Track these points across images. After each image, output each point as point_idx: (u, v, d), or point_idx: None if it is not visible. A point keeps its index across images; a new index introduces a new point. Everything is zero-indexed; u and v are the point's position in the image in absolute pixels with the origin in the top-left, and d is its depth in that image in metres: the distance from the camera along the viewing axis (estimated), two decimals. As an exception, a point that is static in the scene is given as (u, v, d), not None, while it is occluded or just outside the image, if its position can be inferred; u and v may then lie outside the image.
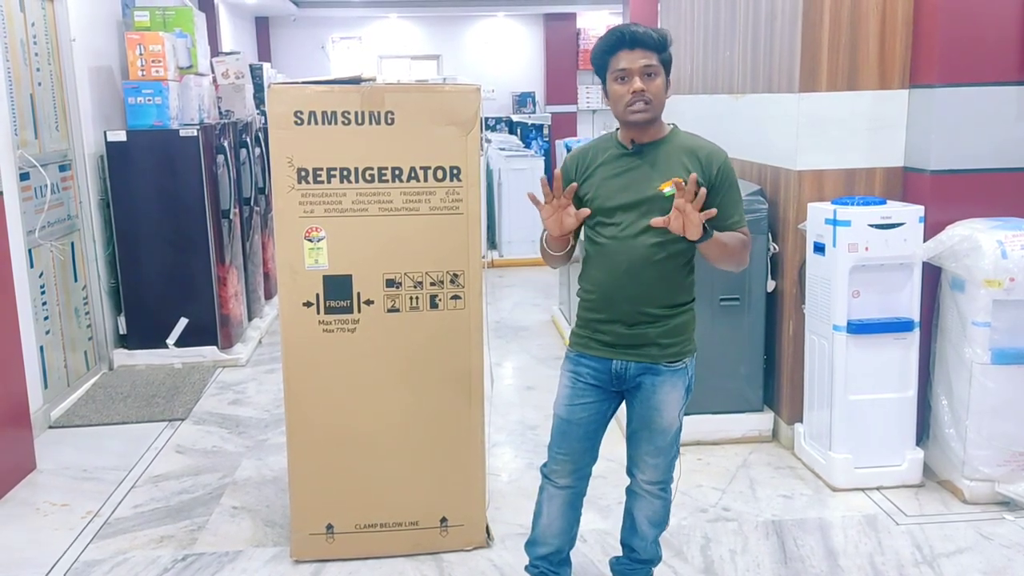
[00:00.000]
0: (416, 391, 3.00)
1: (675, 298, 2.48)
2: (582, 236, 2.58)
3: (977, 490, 3.43)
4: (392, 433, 3.02)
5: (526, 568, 2.75)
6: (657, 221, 2.35)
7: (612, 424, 2.69)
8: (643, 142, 2.45)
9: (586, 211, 2.45)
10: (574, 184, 2.43)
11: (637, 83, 2.36)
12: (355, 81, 2.83)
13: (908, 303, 3.51)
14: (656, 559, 2.78)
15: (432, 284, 2.95)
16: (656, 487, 2.62)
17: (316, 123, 2.81)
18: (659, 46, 2.39)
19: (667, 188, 2.37)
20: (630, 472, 2.66)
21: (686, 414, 2.61)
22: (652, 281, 2.44)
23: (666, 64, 2.41)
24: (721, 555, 3.10)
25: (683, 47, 5.09)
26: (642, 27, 2.40)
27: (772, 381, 4.06)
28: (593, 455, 2.63)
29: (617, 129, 2.54)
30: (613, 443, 2.79)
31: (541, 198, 2.48)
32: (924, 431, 3.68)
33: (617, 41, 2.38)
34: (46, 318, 4.56)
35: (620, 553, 2.83)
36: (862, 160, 3.72)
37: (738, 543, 3.18)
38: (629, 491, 2.70)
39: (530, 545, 2.73)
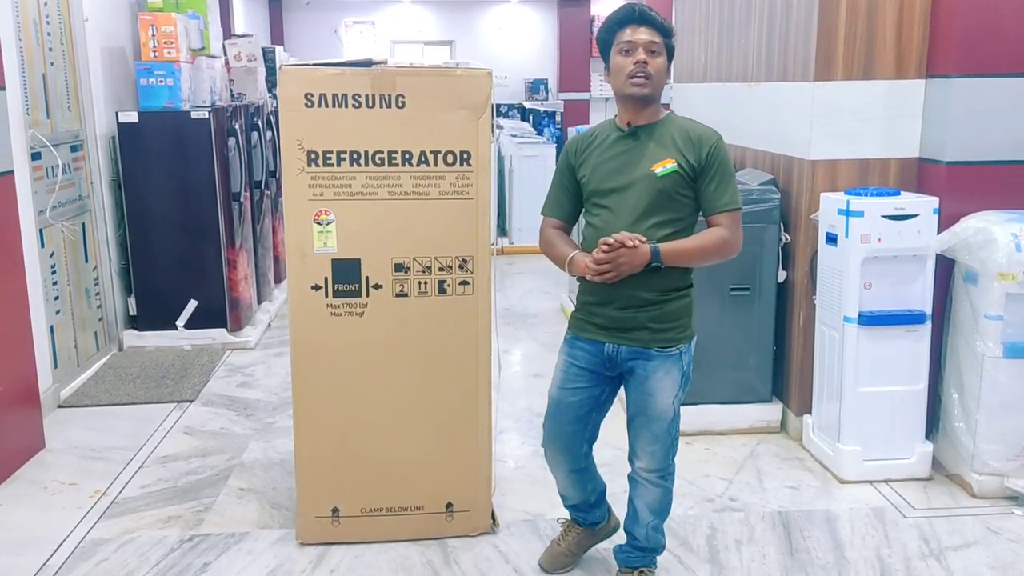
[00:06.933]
0: (423, 376, 3.00)
1: (669, 283, 2.48)
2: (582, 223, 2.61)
3: (986, 484, 3.41)
4: (399, 418, 3.02)
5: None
6: (591, 261, 2.42)
7: (620, 411, 2.69)
8: (639, 124, 2.50)
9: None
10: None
11: (641, 54, 2.44)
12: (366, 64, 2.81)
13: (920, 295, 3.49)
14: (658, 548, 2.78)
15: (441, 269, 2.94)
16: (654, 475, 2.63)
17: (326, 105, 2.79)
18: (665, 30, 2.49)
19: (659, 169, 2.41)
20: (630, 460, 2.68)
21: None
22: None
23: (669, 50, 2.50)
24: (727, 545, 3.09)
25: (697, 35, 5.05)
26: (652, 9, 2.50)
27: (781, 372, 4.04)
28: (584, 436, 2.68)
29: (615, 116, 2.60)
30: (621, 431, 2.78)
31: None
32: (934, 424, 3.66)
33: (627, 16, 2.48)
34: (56, 298, 4.58)
35: (625, 542, 2.83)
36: (877, 150, 3.69)
37: (744, 533, 3.17)
38: (630, 478, 2.71)
39: (561, 496, 2.89)
